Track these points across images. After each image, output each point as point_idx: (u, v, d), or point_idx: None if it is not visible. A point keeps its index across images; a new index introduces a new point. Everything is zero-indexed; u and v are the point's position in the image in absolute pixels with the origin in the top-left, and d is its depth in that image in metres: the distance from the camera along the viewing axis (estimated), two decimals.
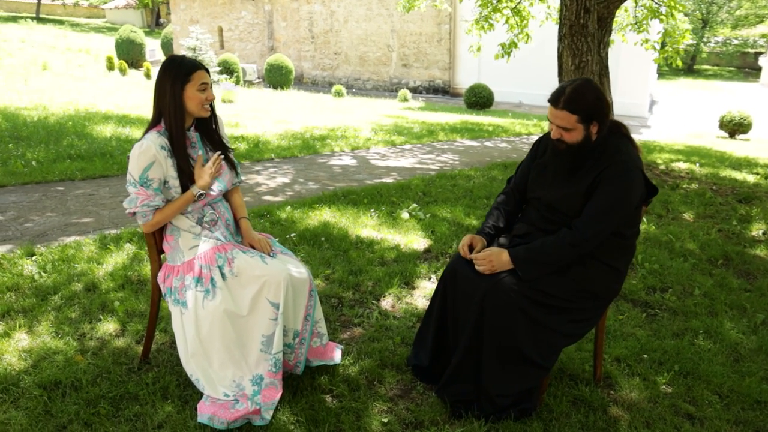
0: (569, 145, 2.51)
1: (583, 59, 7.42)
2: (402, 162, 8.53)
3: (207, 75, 2.50)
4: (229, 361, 2.48)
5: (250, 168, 7.50)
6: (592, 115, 2.46)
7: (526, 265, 2.51)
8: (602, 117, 2.49)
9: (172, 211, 2.53)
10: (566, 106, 2.43)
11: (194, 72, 2.46)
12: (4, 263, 3.72)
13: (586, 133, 2.49)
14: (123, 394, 2.53)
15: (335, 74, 25.08)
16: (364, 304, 3.63)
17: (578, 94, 2.45)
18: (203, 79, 2.47)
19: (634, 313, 3.73)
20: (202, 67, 2.50)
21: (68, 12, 46.14)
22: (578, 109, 2.44)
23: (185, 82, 2.45)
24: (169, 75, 2.45)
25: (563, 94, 2.46)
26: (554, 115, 2.47)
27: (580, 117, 2.44)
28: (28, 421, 2.31)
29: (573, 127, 2.46)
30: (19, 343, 2.85)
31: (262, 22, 26.07)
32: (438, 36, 22.34)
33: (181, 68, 2.45)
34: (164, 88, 2.45)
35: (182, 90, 2.45)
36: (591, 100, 2.46)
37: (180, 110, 2.46)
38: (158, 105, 2.49)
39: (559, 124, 2.47)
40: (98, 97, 13.62)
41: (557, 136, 2.51)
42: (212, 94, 2.53)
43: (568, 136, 2.49)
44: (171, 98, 2.44)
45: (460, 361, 2.59)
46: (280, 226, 4.89)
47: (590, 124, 2.48)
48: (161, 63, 2.54)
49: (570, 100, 2.43)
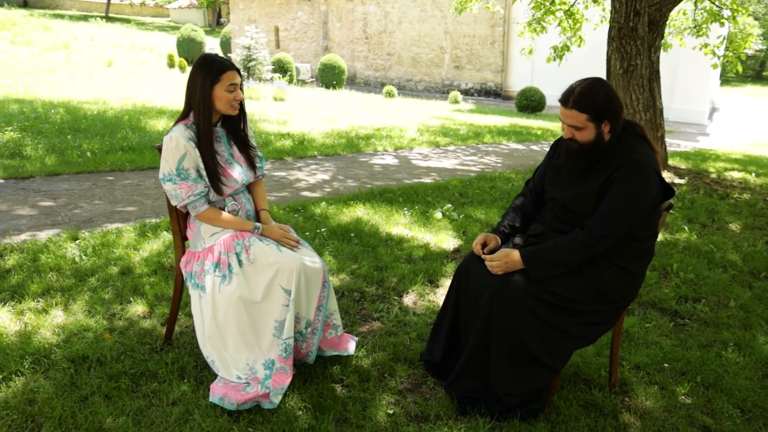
0: (582, 144, 2.50)
1: (632, 63, 7.26)
2: (443, 163, 8.54)
3: (237, 76, 2.60)
4: (243, 345, 2.57)
5: (292, 164, 7.67)
6: (603, 114, 2.44)
7: (536, 265, 2.50)
8: (614, 116, 2.47)
9: (226, 223, 2.63)
10: (575, 105, 2.43)
11: (224, 73, 2.56)
12: (50, 246, 3.95)
13: (597, 132, 2.47)
14: (144, 371, 2.67)
15: (388, 75, 25.22)
16: (386, 299, 3.68)
17: (588, 93, 2.44)
18: (232, 80, 2.58)
19: (661, 322, 3.65)
20: (233, 67, 2.60)
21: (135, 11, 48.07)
22: (588, 107, 2.43)
23: (215, 82, 2.55)
24: (200, 73, 2.56)
25: (572, 94, 2.46)
26: (565, 115, 2.48)
27: (590, 116, 2.43)
28: (54, 390, 2.47)
29: (584, 126, 2.45)
30: (54, 320, 3.04)
31: (318, 23, 26.48)
32: (491, 38, 22.16)
33: (212, 68, 2.56)
34: (195, 85, 2.57)
35: (211, 89, 2.56)
36: (601, 99, 2.45)
37: (207, 108, 2.57)
38: (189, 100, 2.61)
39: (570, 123, 2.47)
40: (156, 93, 14.16)
41: (569, 135, 2.51)
42: (240, 95, 2.63)
43: (579, 135, 2.48)
44: (200, 96, 2.55)
45: (469, 358, 2.60)
46: (313, 221, 5.00)
47: (601, 123, 2.46)
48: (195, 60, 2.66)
49: (579, 99, 2.43)
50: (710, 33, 10.20)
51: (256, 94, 15.79)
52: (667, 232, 5.39)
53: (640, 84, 7.36)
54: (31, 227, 4.43)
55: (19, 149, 6.81)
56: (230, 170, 2.68)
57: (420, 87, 24.53)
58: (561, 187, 2.68)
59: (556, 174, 2.75)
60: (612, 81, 7.62)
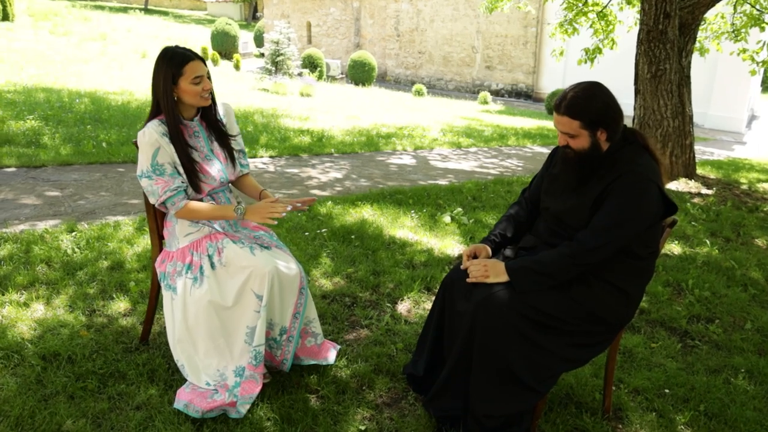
0: (577, 152, 2.34)
1: (660, 67, 6.98)
2: (462, 164, 8.36)
3: (201, 66, 2.48)
4: (213, 350, 2.48)
5: (307, 161, 7.59)
6: (598, 121, 2.28)
7: (520, 276, 2.35)
8: (611, 123, 2.30)
9: (206, 214, 2.50)
10: (566, 112, 2.27)
11: (186, 64, 2.43)
12: (47, 237, 3.93)
13: (593, 141, 2.31)
14: (113, 371, 2.60)
15: (418, 73, 25.04)
16: (378, 306, 3.55)
17: (580, 99, 2.28)
18: (197, 72, 2.45)
19: (669, 342, 3.44)
20: (195, 57, 2.47)
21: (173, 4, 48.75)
22: (580, 114, 2.27)
23: (178, 76, 2.43)
24: (162, 68, 2.44)
25: (564, 99, 2.30)
26: (557, 121, 2.32)
27: (583, 123, 2.27)
28: (17, 388, 2.41)
29: (576, 133, 2.29)
30: (34, 314, 3.00)
31: (350, 19, 26.43)
32: (524, 39, 21.79)
33: (174, 61, 2.43)
34: (158, 81, 2.46)
35: (175, 84, 2.45)
36: (595, 105, 2.28)
37: (172, 103, 2.46)
38: (155, 97, 2.51)
39: (562, 129, 2.32)
40: None
41: (563, 142, 2.36)
42: (208, 84, 2.51)
43: (573, 143, 2.33)
44: (164, 91, 2.44)
45: (449, 375, 2.46)
46: (316, 220, 4.90)
47: (596, 131, 2.30)
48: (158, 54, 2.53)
49: (571, 105, 2.27)
50: (749, 38, 9.78)
51: (282, 90, 15.80)
52: (687, 245, 5.14)
53: (669, 89, 7.06)
54: (32, 217, 4.42)
55: (37, 138, 6.87)
56: (208, 167, 2.58)
57: (450, 86, 24.29)
58: (555, 197, 2.53)
59: (551, 183, 2.59)
60: (640, 86, 7.35)
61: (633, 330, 3.57)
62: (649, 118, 7.33)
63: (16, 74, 11.97)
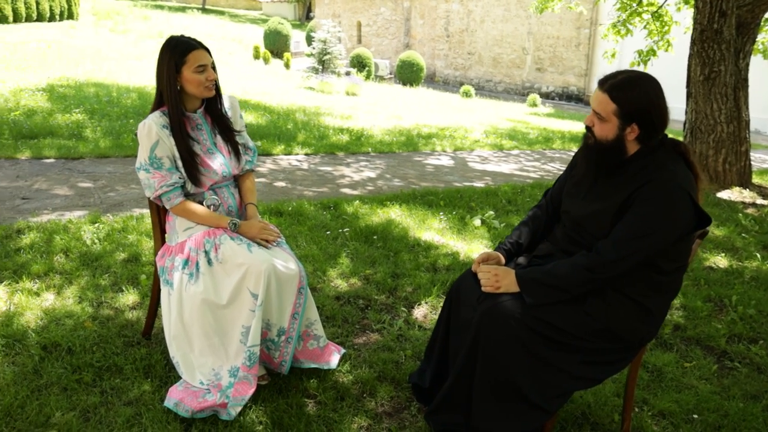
0: (597, 140, 2.16)
1: (714, 69, 6.59)
2: (502, 167, 8.13)
3: (205, 55, 2.42)
4: (208, 349, 2.41)
5: (342, 160, 7.53)
6: (635, 114, 2.08)
7: (531, 287, 2.17)
8: (646, 124, 2.10)
9: (201, 218, 2.47)
10: (610, 90, 2.09)
11: (189, 53, 2.37)
12: (70, 227, 3.98)
13: (618, 134, 2.12)
14: (110, 365, 2.56)
15: (467, 74, 24.74)
16: (393, 310, 3.43)
17: (630, 84, 2.09)
18: (200, 61, 2.39)
19: (704, 363, 3.18)
20: (199, 46, 2.42)
21: (230, 3, 49.83)
22: (621, 99, 2.08)
23: (181, 64, 2.37)
24: (165, 57, 2.39)
25: (613, 78, 2.12)
26: (595, 97, 2.14)
27: (620, 109, 2.08)
28: (13, 377, 2.40)
29: (607, 117, 2.11)
30: (43, 303, 3.01)
31: (400, 19, 26.35)
32: (576, 40, 21.21)
33: (177, 49, 2.38)
34: (162, 70, 2.41)
35: (178, 73, 2.39)
36: (641, 98, 2.08)
37: (175, 92, 2.40)
38: (158, 87, 2.46)
39: (596, 107, 2.13)
40: (231, 82, 14.47)
41: (589, 123, 2.19)
42: (213, 74, 2.45)
43: (598, 127, 2.15)
44: (167, 80, 2.39)
45: (451, 388, 2.31)
46: (341, 219, 4.81)
47: (628, 125, 2.10)
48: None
49: (617, 86, 2.09)
50: None
51: (328, 88, 15.85)
52: (734, 258, 4.80)
53: (723, 93, 6.66)
54: (61, 207, 4.50)
55: (79, 130, 7.05)
56: (210, 160, 2.51)
57: (499, 88, 23.89)
58: (577, 200, 2.34)
59: (574, 185, 2.40)
60: (692, 88, 6.97)
61: (665, 347, 3.32)
62: (701, 122, 6.94)
63: (72, 69, 12.39)
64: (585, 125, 2.25)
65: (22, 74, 11.01)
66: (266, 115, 9.98)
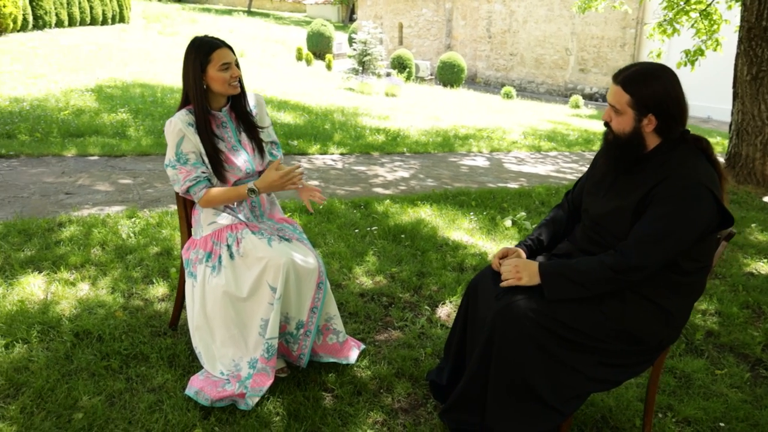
0: (615, 135, 2.14)
1: (763, 68, 6.37)
2: (538, 168, 8.03)
3: (229, 53, 2.49)
4: (229, 340, 2.48)
5: (377, 160, 7.57)
6: (650, 105, 2.05)
7: (554, 281, 2.14)
8: (664, 114, 2.06)
9: (223, 197, 2.52)
10: (623, 82, 2.07)
11: (213, 52, 2.45)
12: (108, 221, 4.13)
13: (635, 126, 2.09)
14: (137, 353, 2.66)
15: (509, 76, 24.49)
16: (417, 308, 3.44)
17: (644, 76, 2.06)
18: (224, 59, 2.46)
19: (737, 370, 3.09)
20: (223, 45, 2.49)
21: (275, 6, 50.66)
22: (634, 91, 2.05)
23: (206, 63, 2.45)
24: (190, 56, 2.47)
25: (627, 71, 2.11)
26: (610, 91, 2.14)
27: (634, 101, 2.05)
28: (46, 361, 2.52)
29: (623, 110, 2.08)
30: (78, 292, 3.14)
31: (442, 20, 26.28)
32: (621, 40, 20.72)
33: (201, 49, 2.45)
34: (188, 70, 2.49)
35: (203, 71, 2.47)
36: (657, 89, 2.05)
37: (201, 91, 2.48)
38: (185, 86, 2.54)
39: (611, 100, 2.12)
40: (272, 83, 14.71)
41: (607, 118, 2.17)
42: (237, 72, 2.51)
43: (616, 121, 2.13)
44: (193, 79, 2.47)
45: (467, 386, 2.30)
46: (371, 218, 4.84)
47: (644, 116, 2.07)
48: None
49: (631, 78, 2.07)
50: None
51: (367, 89, 15.94)
52: None
53: None
54: (101, 202, 4.67)
55: (123, 129, 7.30)
56: (234, 157, 2.58)
57: (541, 89, 23.55)
58: (597, 198, 2.31)
59: (594, 183, 2.38)
60: (738, 88, 6.75)
61: (695, 353, 3.24)
62: (747, 124, 6.71)
63: (120, 71, 12.82)
64: (603, 121, 2.23)
65: (74, 75, 11.45)
66: (304, 116, 10.11)
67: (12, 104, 8.07)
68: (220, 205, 2.56)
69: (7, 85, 9.68)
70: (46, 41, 16.10)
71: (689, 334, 3.41)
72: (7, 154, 5.78)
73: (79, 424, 2.19)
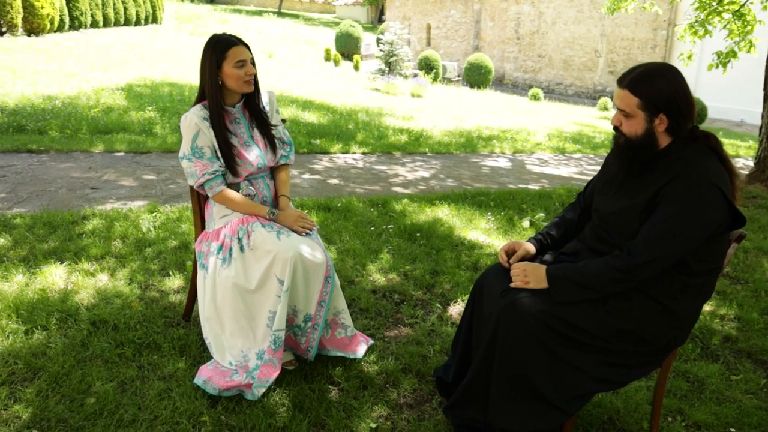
0: (628, 138, 2.12)
1: None
2: (561, 170, 7.96)
3: (245, 51, 2.54)
4: (238, 331, 2.53)
5: (398, 159, 7.59)
6: (660, 105, 2.03)
7: (560, 284, 2.14)
8: (674, 113, 2.04)
9: (240, 206, 2.58)
10: (629, 85, 2.06)
11: (229, 49, 2.51)
12: (130, 215, 4.23)
13: (648, 127, 2.07)
14: (150, 342, 2.72)
15: (537, 77, 24.28)
16: (428, 306, 3.45)
17: (649, 77, 2.05)
18: (239, 56, 2.52)
19: (753, 377, 3.03)
20: (239, 43, 2.55)
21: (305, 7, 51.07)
22: (643, 92, 2.04)
23: (222, 60, 2.51)
24: (207, 53, 2.53)
25: (631, 73, 2.09)
26: (617, 95, 2.12)
27: (643, 103, 2.04)
28: (63, 348, 2.60)
29: (633, 113, 2.07)
30: (97, 283, 3.23)
31: (470, 21, 26.19)
32: (652, 42, 20.38)
33: (218, 46, 2.51)
34: (204, 66, 2.55)
35: (219, 68, 2.52)
36: (664, 88, 2.03)
37: (216, 87, 2.54)
38: (201, 82, 2.60)
39: (619, 105, 2.10)
40: (300, 83, 14.85)
41: (616, 123, 2.15)
42: (252, 70, 2.57)
43: (626, 125, 2.10)
44: (209, 75, 2.53)
45: (470, 383, 2.32)
46: (388, 216, 4.87)
47: (655, 117, 2.05)
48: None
49: (636, 80, 2.05)
50: None
51: (393, 90, 15.97)
52: None
53: None
54: (124, 197, 4.79)
55: (150, 127, 7.46)
56: (246, 152, 2.63)
57: (570, 92, 23.30)
58: (607, 197, 2.30)
59: (605, 183, 2.37)
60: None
61: (711, 358, 3.19)
62: None
63: (150, 70, 13.08)
64: (612, 126, 2.21)
65: (105, 74, 11.72)
66: (329, 115, 10.19)
67: (45, 102, 8.30)
68: (232, 209, 2.61)
69: (41, 83, 9.97)
70: (80, 41, 16.52)
71: (705, 338, 3.36)
72: (38, 149, 5.96)
73: (91, 408, 2.26)
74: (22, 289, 3.06)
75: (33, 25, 15.88)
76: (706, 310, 3.72)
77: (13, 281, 3.13)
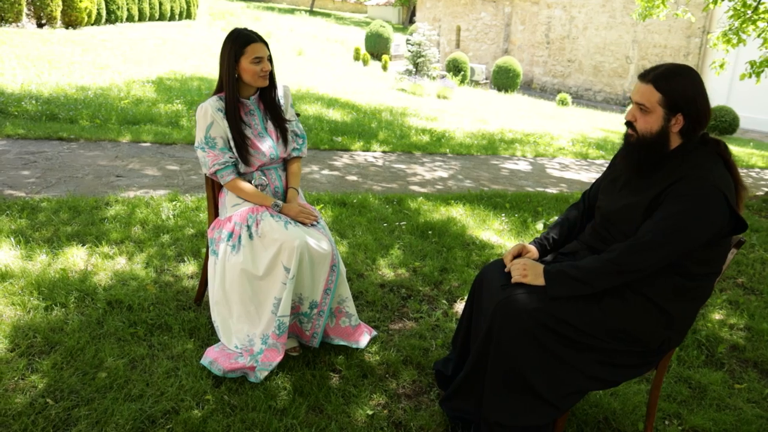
0: (640, 135, 2.13)
1: None
2: (581, 175, 7.94)
3: (263, 48, 2.64)
4: (245, 316, 2.62)
5: (418, 159, 7.65)
6: (681, 104, 2.05)
7: (556, 278, 2.17)
8: (691, 114, 2.06)
9: (248, 195, 2.69)
10: (654, 80, 2.07)
11: (248, 45, 2.61)
12: (151, 203, 4.37)
13: (663, 125, 2.08)
14: (162, 323, 2.84)
15: (565, 82, 24.09)
16: (434, 301, 3.51)
17: (674, 75, 2.07)
18: (257, 53, 2.61)
19: (757, 386, 3.03)
20: (258, 40, 2.64)
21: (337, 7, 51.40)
22: (667, 89, 2.05)
23: (240, 55, 2.61)
24: (227, 47, 2.64)
25: (657, 70, 2.10)
26: (637, 90, 2.11)
27: (665, 99, 2.05)
28: (80, 324, 2.73)
29: (652, 108, 2.08)
30: (116, 266, 3.36)
31: (500, 24, 26.09)
32: (686, 50, 20.08)
33: (237, 41, 2.62)
34: (223, 59, 2.66)
35: (237, 62, 2.63)
36: (688, 88, 2.06)
37: (233, 80, 2.64)
38: (220, 74, 2.70)
39: (639, 99, 2.10)
40: (327, 81, 14.99)
41: (631, 118, 2.15)
42: (268, 66, 2.66)
43: (642, 120, 2.11)
44: (227, 68, 2.63)
45: (466, 376, 2.37)
46: (402, 214, 4.93)
47: (673, 116, 2.07)
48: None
49: (662, 76, 2.07)
50: None
51: (419, 91, 16.02)
52: None
53: None
54: (148, 186, 4.94)
55: (177, 119, 7.64)
56: (259, 143, 2.73)
57: (599, 98, 23.06)
58: (611, 195, 2.33)
59: (611, 181, 2.40)
60: None
61: (715, 365, 3.19)
62: None
63: (181, 64, 13.35)
64: (626, 121, 2.22)
65: (137, 67, 12.00)
66: (353, 113, 10.29)
67: (78, 92, 8.55)
68: (242, 198, 2.71)
69: (76, 74, 10.26)
70: (115, 34, 16.92)
71: (712, 346, 3.36)
72: (68, 137, 6.16)
73: (102, 382, 2.37)
74: (45, 269, 3.20)
75: (71, 18, 16.33)
76: (715, 318, 3.71)
77: (37, 260, 3.28)
